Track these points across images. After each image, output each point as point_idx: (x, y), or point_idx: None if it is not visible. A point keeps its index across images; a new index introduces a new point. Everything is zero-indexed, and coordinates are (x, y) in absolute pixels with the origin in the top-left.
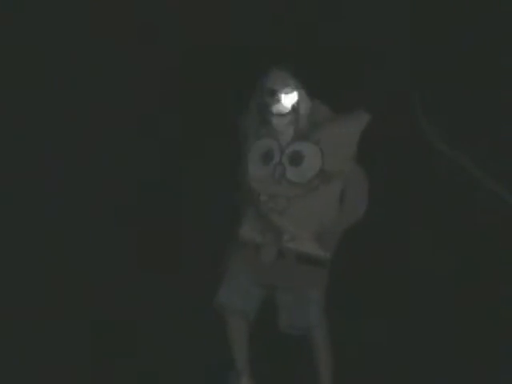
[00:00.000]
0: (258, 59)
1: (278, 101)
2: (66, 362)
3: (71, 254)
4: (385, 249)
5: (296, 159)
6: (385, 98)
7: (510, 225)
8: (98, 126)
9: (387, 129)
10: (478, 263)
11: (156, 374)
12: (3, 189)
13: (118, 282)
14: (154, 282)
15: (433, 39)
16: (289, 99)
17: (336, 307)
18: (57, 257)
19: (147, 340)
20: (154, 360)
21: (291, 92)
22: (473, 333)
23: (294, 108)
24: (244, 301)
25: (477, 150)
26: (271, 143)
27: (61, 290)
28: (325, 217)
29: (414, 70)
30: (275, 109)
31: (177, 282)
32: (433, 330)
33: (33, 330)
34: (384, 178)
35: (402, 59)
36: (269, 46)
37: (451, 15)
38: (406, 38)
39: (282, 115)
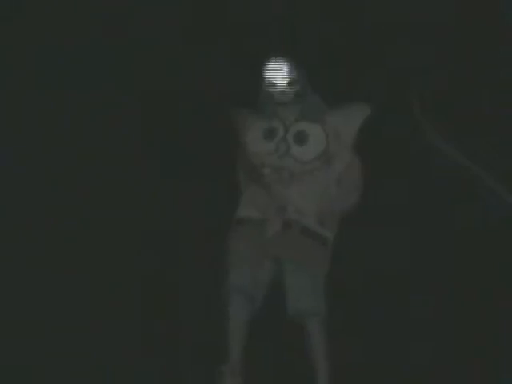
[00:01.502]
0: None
1: (282, 92)
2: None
3: None
4: (385, 248)
5: (301, 138)
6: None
7: (509, 224)
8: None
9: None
10: (478, 262)
11: None
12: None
13: None
14: None
15: (432, 39)
16: (291, 89)
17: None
18: None
19: None
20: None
21: (293, 82)
22: (471, 332)
23: (297, 93)
24: (253, 284)
25: (477, 150)
26: (274, 122)
27: None
28: (324, 197)
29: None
30: (278, 99)
31: None
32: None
33: None
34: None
35: (401, 59)
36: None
37: (451, 15)
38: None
39: (285, 103)
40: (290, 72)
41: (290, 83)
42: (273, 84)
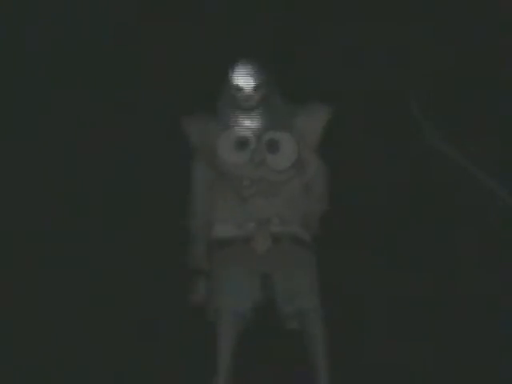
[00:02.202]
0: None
1: (248, 97)
2: None
3: None
4: (384, 247)
5: (273, 147)
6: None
7: (509, 223)
8: None
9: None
10: (477, 262)
11: None
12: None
13: None
14: None
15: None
16: (258, 94)
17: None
18: None
19: None
20: None
21: (260, 87)
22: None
23: (263, 100)
24: (243, 304)
25: (476, 149)
26: (244, 131)
27: None
28: (304, 202)
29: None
30: (244, 104)
31: None
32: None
33: None
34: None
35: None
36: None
37: (450, 14)
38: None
39: (251, 109)
40: (256, 76)
41: (256, 87)
42: (239, 88)
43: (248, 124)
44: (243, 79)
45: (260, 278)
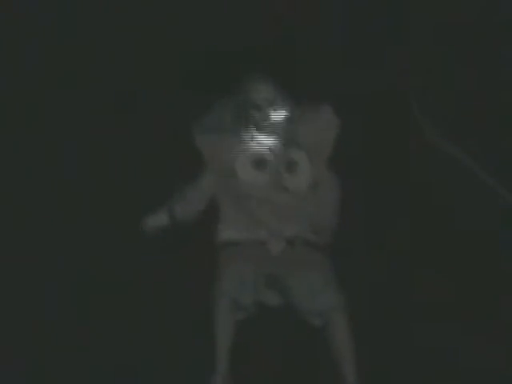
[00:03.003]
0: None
1: (265, 115)
2: None
3: None
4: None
5: (291, 167)
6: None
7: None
8: None
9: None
10: (477, 262)
11: None
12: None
13: None
14: None
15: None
16: (275, 113)
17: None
18: None
19: None
20: None
21: (279, 107)
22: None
23: (280, 117)
24: (242, 291)
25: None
26: (261, 150)
27: None
28: (315, 215)
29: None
30: (261, 119)
31: None
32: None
33: None
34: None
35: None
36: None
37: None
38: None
39: (268, 125)
40: (273, 93)
41: (274, 106)
42: (256, 105)
43: (264, 141)
44: (261, 97)
45: (267, 279)
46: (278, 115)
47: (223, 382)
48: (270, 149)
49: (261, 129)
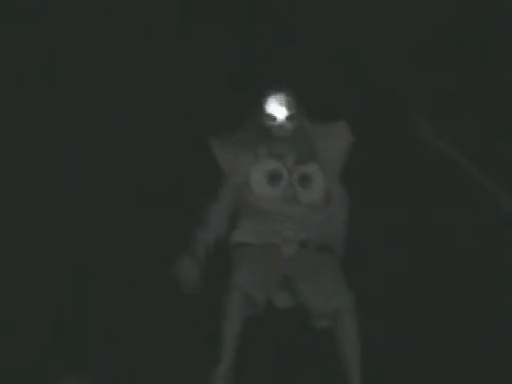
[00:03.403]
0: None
1: (281, 126)
2: None
3: None
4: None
5: (305, 181)
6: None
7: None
8: None
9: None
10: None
11: None
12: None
13: None
14: None
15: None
16: (291, 124)
17: None
18: None
19: None
20: None
21: (293, 118)
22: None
23: (295, 130)
24: (255, 286)
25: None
26: (276, 164)
27: None
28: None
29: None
30: (277, 133)
31: None
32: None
33: None
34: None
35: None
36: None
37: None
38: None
39: (283, 139)
40: (289, 105)
41: (289, 117)
42: (273, 118)
43: (279, 155)
44: (277, 108)
45: (279, 279)
46: (293, 128)
47: (225, 376)
48: (284, 163)
49: (276, 142)
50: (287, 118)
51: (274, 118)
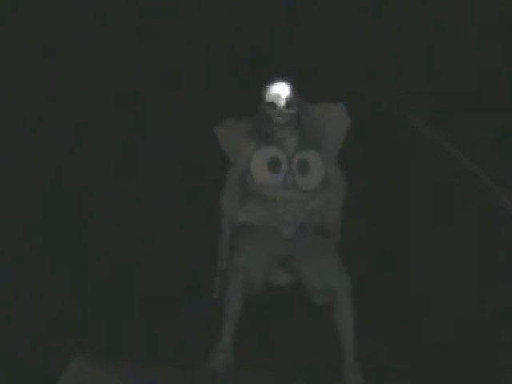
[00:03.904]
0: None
1: (280, 113)
2: None
3: None
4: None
5: (303, 167)
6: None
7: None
8: None
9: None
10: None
11: None
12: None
13: None
14: None
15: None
16: (289, 111)
17: None
18: None
19: None
20: None
21: (292, 105)
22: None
23: (295, 118)
24: (255, 266)
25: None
26: (276, 152)
27: None
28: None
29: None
30: (276, 120)
31: None
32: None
33: None
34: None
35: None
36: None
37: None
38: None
39: (283, 126)
40: (290, 93)
41: (288, 105)
42: (273, 105)
43: (280, 141)
44: (276, 96)
45: (278, 259)
46: (293, 114)
47: (226, 351)
48: (284, 150)
49: (276, 130)
50: (287, 105)
51: (275, 106)
